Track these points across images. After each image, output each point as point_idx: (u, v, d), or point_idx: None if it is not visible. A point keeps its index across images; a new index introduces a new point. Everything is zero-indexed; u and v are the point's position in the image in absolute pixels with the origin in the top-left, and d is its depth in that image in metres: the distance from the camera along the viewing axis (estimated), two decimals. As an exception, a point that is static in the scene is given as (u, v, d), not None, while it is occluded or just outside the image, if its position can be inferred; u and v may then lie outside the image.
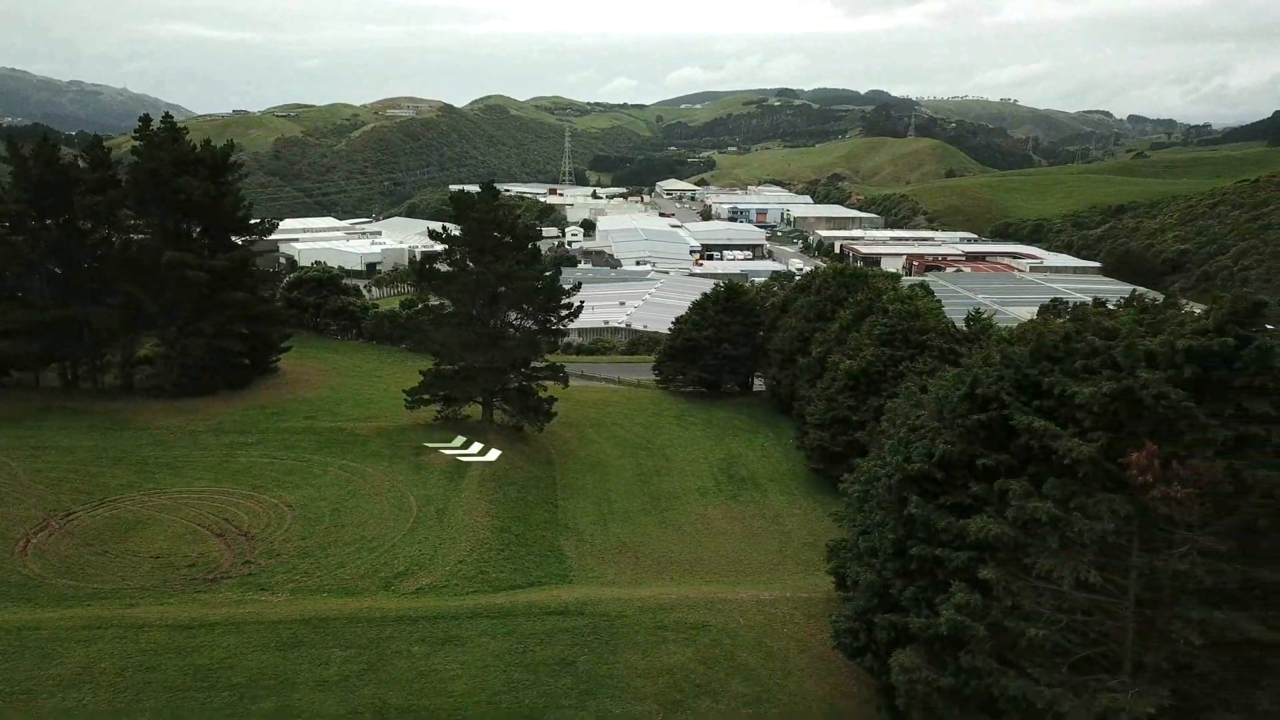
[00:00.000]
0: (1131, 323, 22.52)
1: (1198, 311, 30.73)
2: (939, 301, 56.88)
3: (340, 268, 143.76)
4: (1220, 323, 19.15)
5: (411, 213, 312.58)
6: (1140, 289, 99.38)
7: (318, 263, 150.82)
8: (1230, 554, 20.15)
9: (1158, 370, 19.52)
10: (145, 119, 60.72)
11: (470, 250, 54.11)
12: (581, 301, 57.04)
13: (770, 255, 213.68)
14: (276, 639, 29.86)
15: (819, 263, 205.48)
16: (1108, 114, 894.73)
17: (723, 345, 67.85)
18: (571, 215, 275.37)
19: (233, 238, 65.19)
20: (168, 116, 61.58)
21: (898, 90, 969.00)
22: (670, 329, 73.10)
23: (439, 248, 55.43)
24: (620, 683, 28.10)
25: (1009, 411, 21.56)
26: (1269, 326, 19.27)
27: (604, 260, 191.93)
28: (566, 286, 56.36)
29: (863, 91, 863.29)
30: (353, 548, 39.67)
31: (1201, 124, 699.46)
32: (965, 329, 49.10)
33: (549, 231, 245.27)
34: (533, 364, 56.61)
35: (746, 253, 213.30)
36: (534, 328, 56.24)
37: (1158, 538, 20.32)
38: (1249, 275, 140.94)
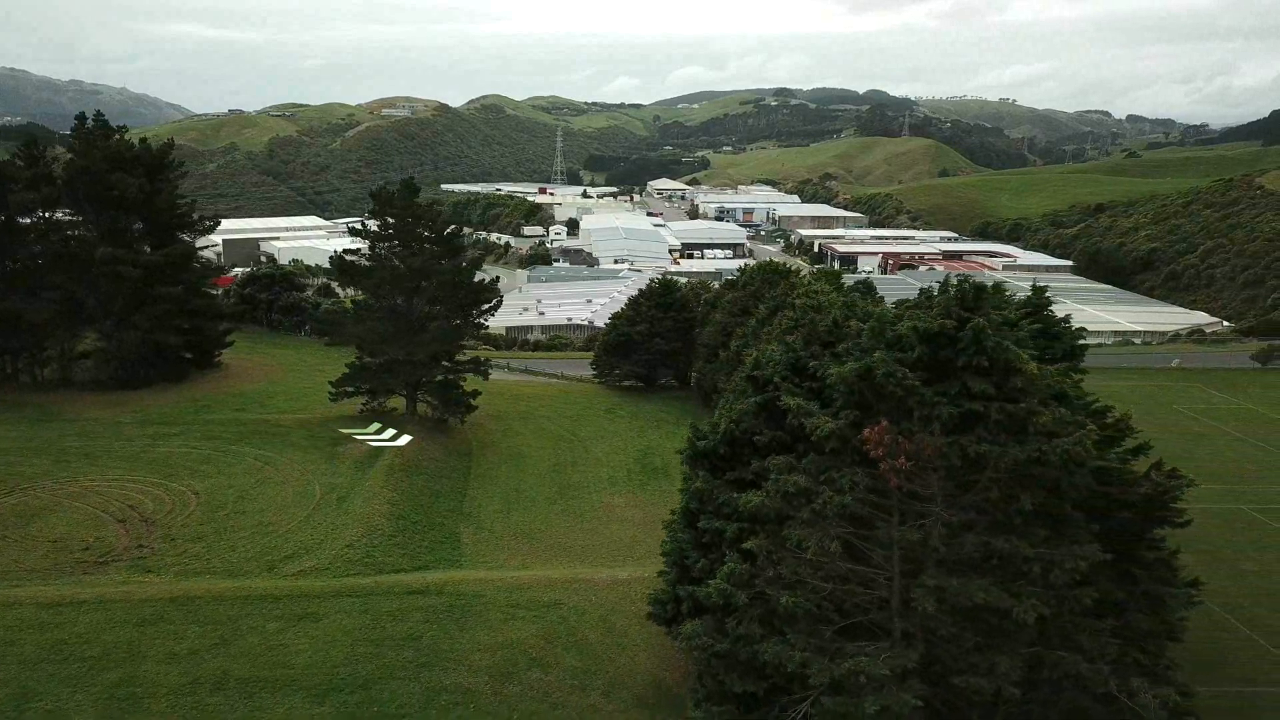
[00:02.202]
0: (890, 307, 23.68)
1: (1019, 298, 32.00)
2: (859, 298, 57.85)
3: (318, 265, 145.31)
4: (946, 307, 20.34)
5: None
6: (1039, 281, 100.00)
7: (295, 260, 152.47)
8: (970, 525, 21.38)
9: (898, 352, 20.74)
10: (80, 117, 62.10)
11: (391, 245, 55.37)
12: (500, 298, 58.21)
13: (751, 254, 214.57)
14: (138, 616, 31.12)
15: (800, 261, 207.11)
16: (1106, 114, 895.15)
17: (655, 340, 69.11)
18: (559, 214, 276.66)
19: (182, 235, 66.78)
20: (99, 115, 62.87)
21: (899, 90, 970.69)
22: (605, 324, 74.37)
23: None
24: (459, 656, 29.32)
25: (780, 392, 22.79)
26: (994, 312, 20.46)
27: (582, 259, 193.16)
28: (482, 279, 57.49)
29: (861, 91, 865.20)
30: (247, 533, 40.91)
31: (1199, 124, 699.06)
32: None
33: (533, 230, 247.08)
34: (456, 358, 57.92)
35: (727, 251, 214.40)
36: (456, 322, 57.46)
37: (908, 510, 21.56)
38: (1214, 273, 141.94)
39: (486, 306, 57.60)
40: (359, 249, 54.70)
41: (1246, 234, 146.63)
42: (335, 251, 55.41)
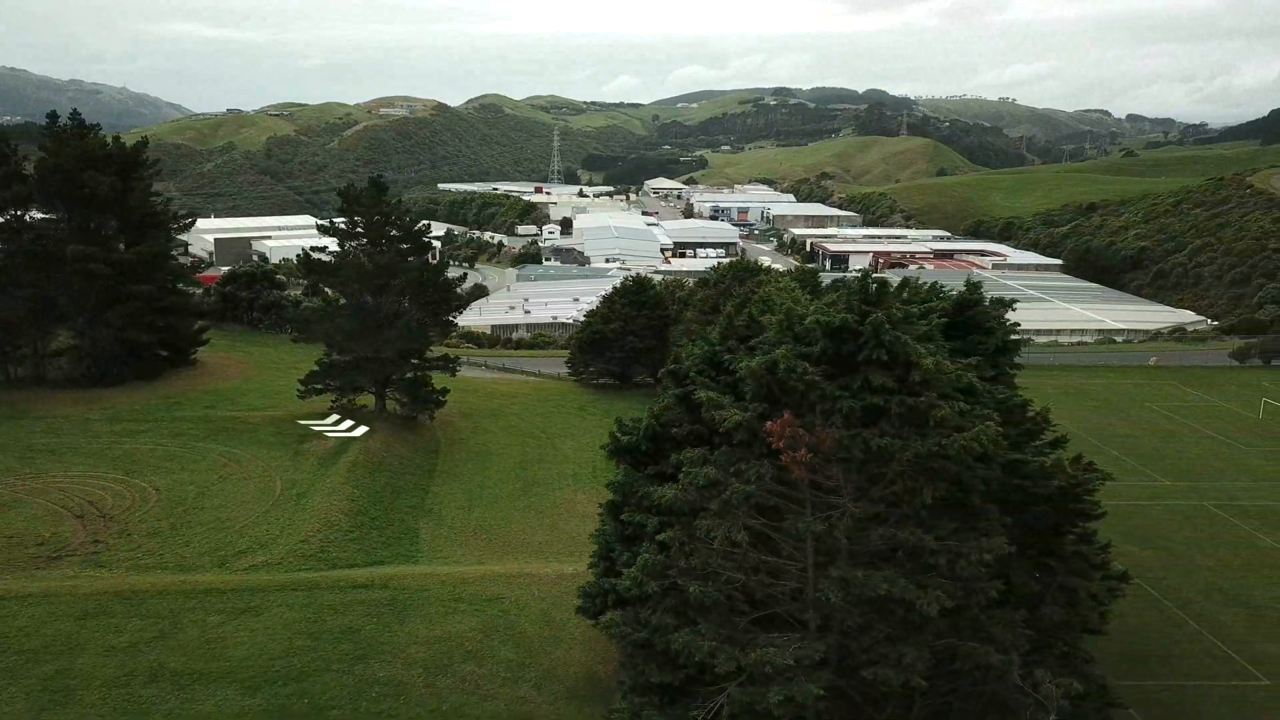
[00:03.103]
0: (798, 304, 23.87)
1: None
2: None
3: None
4: (849, 302, 20.53)
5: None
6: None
7: (285, 259, 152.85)
8: (879, 518, 21.59)
9: (803, 346, 20.95)
10: (53, 116, 62.35)
11: (359, 243, 55.61)
12: (467, 294, 58.29)
13: (743, 253, 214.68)
14: (81, 610, 31.38)
15: (791, 260, 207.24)
16: (1106, 113, 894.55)
17: (628, 338, 69.31)
18: (554, 214, 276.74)
19: (157, 233, 66.99)
20: (75, 113, 63.12)
21: (899, 90, 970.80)
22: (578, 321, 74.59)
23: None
24: (396, 649, 29.57)
25: (695, 387, 23.00)
26: (899, 306, 20.64)
27: (573, 258, 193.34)
28: (451, 277, 57.73)
29: (860, 90, 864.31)
30: (203, 528, 41.15)
31: (1199, 123, 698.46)
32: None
33: (527, 230, 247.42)
34: (426, 355, 58.15)
35: (719, 251, 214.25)
36: (425, 319, 57.66)
37: (820, 503, 21.76)
38: (1202, 272, 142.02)
39: (456, 304, 57.68)
40: (325, 246, 54.92)
41: (1234, 233, 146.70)
42: (303, 249, 55.55)
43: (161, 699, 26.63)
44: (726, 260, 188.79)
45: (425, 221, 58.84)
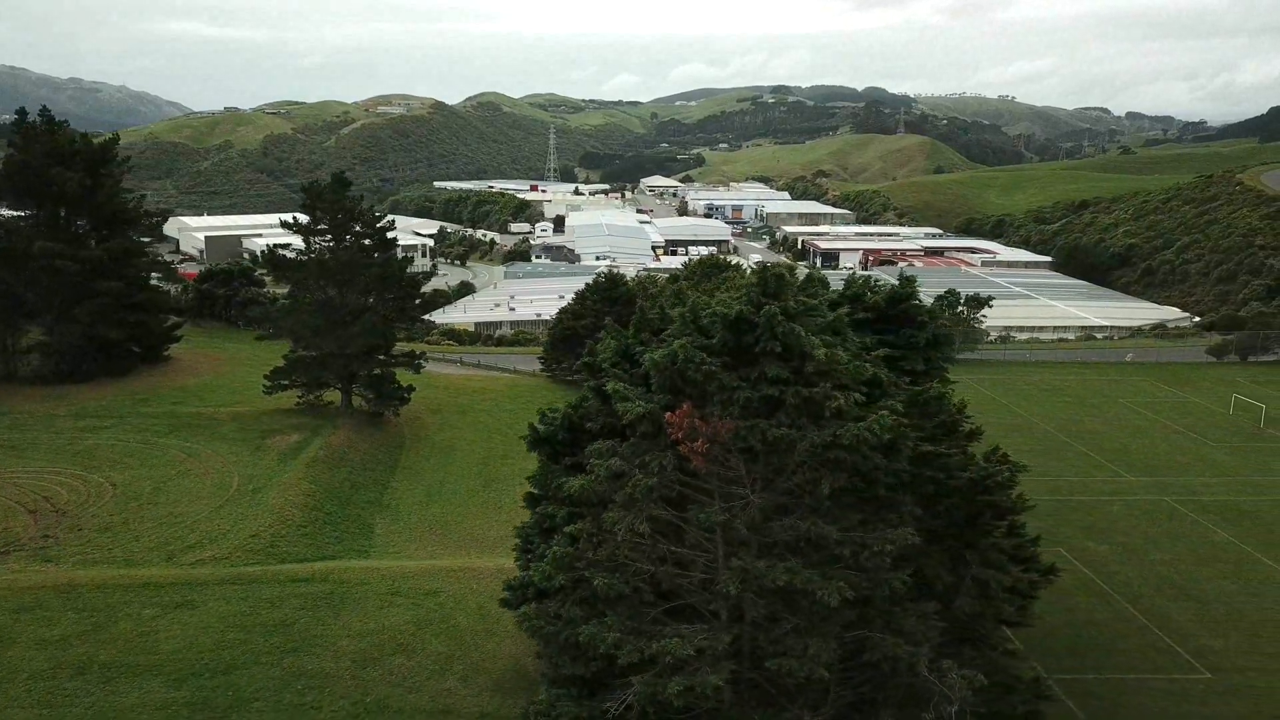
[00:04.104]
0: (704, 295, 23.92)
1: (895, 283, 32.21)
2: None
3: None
4: (750, 295, 20.57)
5: (395, 209, 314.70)
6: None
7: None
8: (785, 509, 21.63)
9: (705, 338, 20.98)
10: (21, 112, 62.41)
11: (324, 239, 55.66)
12: (434, 290, 58.42)
13: (735, 250, 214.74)
14: (18, 603, 31.41)
15: (783, 258, 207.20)
16: (1106, 110, 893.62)
17: (600, 333, 69.13)
18: (548, 211, 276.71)
19: (130, 230, 67.14)
20: (44, 109, 63.24)
21: (900, 87, 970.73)
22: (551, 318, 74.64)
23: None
24: (327, 642, 29.61)
25: (606, 378, 23.05)
26: (802, 299, 20.66)
27: (564, 255, 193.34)
28: (415, 273, 57.77)
29: (860, 89, 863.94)
30: (155, 523, 41.17)
31: (1197, 120, 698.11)
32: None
33: (520, 228, 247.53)
34: (392, 351, 58.24)
35: (711, 248, 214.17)
36: (391, 315, 57.72)
37: (729, 494, 21.79)
38: (1189, 269, 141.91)
39: (422, 300, 57.77)
40: (289, 244, 55.01)
41: (1222, 230, 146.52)
42: (268, 245, 55.61)
43: (86, 691, 26.68)
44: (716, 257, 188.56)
45: (390, 218, 58.92)
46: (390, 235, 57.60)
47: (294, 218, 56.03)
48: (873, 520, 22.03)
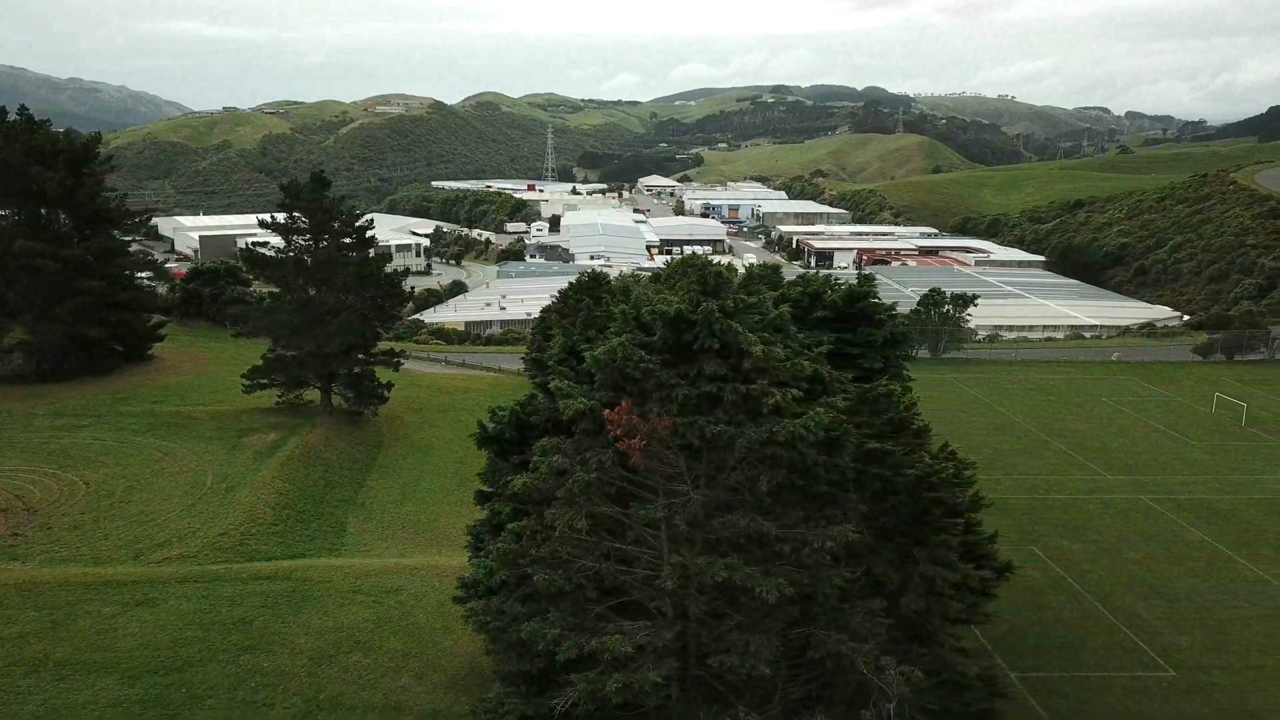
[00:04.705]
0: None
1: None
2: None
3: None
4: (689, 294, 20.57)
5: (392, 209, 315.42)
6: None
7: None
8: (727, 505, 21.62)
9: (645, 335, 20.98)
10: (1, 110, 62.42)
11: (302, 237, 55.68)
12: (426, 290, 58.41)
13: (730, 250, 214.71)
14: (-22, 601, 31.44)
15: (777, 257, 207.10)
16: (1105, 110, 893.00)
17: (581, 333, 69.22)
18: (545, 211, 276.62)
19: (114, 229, 67.21)
20: (23, 108, 63.28)
21: (901, 87, 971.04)
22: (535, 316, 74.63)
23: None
24: (285, 640, 29.60)
25: (552, 375, 23.08)
26: (741, 296, 20.67)
27: (558, 254, 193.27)
28: (393, 271, 57.76)
29: (860, 88, 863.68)
30: (125, 521, 41.21)
31: (1197, 120, 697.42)
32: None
33: (516, 227, 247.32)
34: (373, 350, 58.27)
35: (707, 247, 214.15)
36: (370, 314, 57.71)
37: (671, 491, 21.79)
38: (1181, 268, 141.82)
39: (400, 299, 57.76)
40: (267, 242, 55.02)
41: (1215, 229, 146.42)
42: (247, 244, 55.59)
43: (40, 688, 26.69)
44: (713, 258, 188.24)
45: (369, 217, 58.91)
46: (369, 234, 57.60)
47: (272, 217, 56.03)
48: (815, 517, 22.02)
